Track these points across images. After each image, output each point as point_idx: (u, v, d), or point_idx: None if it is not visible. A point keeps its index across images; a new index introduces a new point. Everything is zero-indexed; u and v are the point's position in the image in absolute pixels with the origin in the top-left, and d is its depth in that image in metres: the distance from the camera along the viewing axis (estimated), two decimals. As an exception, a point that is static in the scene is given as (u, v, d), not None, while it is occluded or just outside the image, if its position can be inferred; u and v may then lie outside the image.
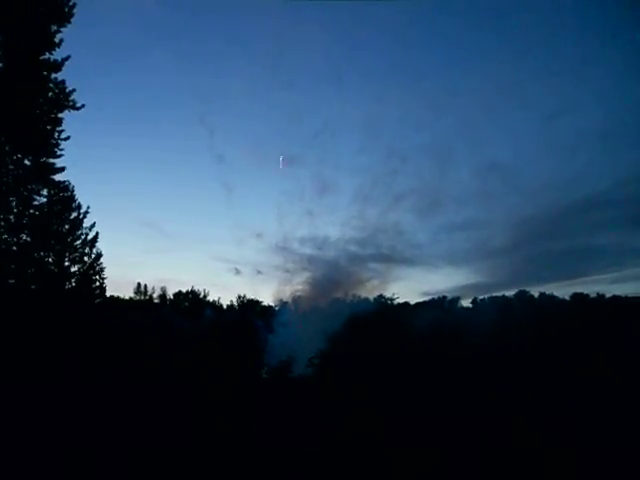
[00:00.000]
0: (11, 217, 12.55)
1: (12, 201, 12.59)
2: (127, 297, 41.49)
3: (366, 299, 29.41)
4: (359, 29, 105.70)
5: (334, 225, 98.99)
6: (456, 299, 42.65)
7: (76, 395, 9.84)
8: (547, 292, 45.48)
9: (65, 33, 12.36)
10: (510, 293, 45.33)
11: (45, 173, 13.07)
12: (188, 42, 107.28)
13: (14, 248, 12.50)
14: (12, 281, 12.31)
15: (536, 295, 44.54)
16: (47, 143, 12.98)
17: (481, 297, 47.88)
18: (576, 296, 42.78)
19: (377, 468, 6.59)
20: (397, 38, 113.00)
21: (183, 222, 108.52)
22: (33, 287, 12.69)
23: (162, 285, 60.41)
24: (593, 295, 44.17)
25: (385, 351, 17.82)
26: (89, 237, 14.00)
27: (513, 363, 16.35)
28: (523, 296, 41.86)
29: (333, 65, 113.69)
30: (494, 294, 47.05)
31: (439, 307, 37.01)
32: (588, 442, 7.54)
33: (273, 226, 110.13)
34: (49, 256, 13.11)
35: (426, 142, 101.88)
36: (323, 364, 16.97)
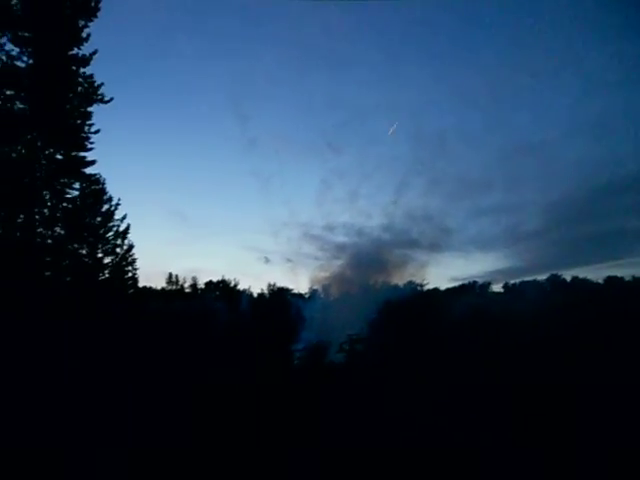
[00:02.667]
0: (45, 210, 12.62)
1: (46, 195, 12.68)
2: (159, 287, 42.02)
3: (396, 285, 28.92)
4: (400, 14, 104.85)
5: (367, 212, 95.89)
6: (487, 284, 41.70)
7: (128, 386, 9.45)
8: (580, 276, 43.73)
9: (92, 26, 12.61)
10: (542, 277, 43.74)
11: (77, 167, 13.20)
12: (216, 25, 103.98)
13: (49, 241, 12.51)
14: (48, 273, 12.23)
15: (568, 279, 42.85)
16: (78, 137, 13.18)
17: (512, 282, 46.65)
18: (610, 279, 40.75)
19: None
20: (435, 23, 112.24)
21: (214, 211, 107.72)
22: (68, 279, 12.57)
23: (193, 275, 60.88)
24: (628, 278, 42.10)
25: (427, 337, 17.01)
26: (121, 229, 13.99)
27: (570, 346, 15.13)
28: (556, 280, 40.11)
29: (371, 50, 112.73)
30: (525, 279, 45.54)
31: (471, 292, 35.84)
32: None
33: (306, 214, 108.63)
34: (82, 248, 13.06)
35: (457, 126, 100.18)
36: (363, 350, 16.26)
